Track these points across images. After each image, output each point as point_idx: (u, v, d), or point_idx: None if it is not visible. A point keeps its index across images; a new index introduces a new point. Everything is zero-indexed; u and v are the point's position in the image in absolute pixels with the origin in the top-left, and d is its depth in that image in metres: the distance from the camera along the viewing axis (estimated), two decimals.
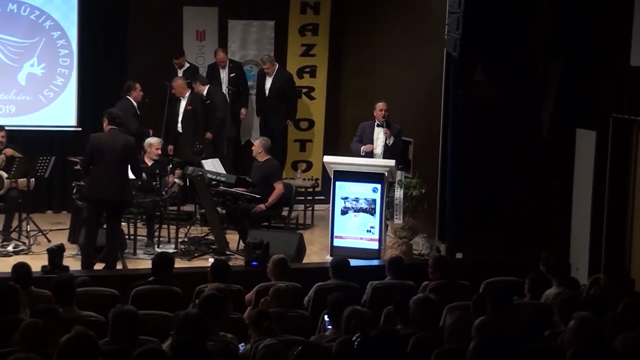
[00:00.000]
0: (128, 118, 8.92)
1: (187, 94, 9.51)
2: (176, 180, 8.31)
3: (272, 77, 9.93)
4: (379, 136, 8.55)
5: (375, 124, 8.56)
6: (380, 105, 8.60)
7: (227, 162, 9.43)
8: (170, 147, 9.51)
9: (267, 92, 9.94)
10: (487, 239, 8.05)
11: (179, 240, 8.35)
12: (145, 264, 7.46)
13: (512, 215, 8.06)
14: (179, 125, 9.57)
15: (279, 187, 8.46)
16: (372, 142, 8.52)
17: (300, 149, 10.61)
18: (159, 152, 8.51)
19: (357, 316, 4.49)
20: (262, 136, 8.98)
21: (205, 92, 9.62)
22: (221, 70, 10.02)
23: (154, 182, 8.16)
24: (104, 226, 7.16)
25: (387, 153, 8.48)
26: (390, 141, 8.49)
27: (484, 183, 8.11)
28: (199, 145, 9.11)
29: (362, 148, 8.52)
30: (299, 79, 10.34)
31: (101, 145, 7.02)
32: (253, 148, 8.67)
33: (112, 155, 6.97)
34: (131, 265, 7.63)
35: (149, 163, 8.45)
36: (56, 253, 6.47)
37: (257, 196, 8.32)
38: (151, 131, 9.09)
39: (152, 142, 8.59)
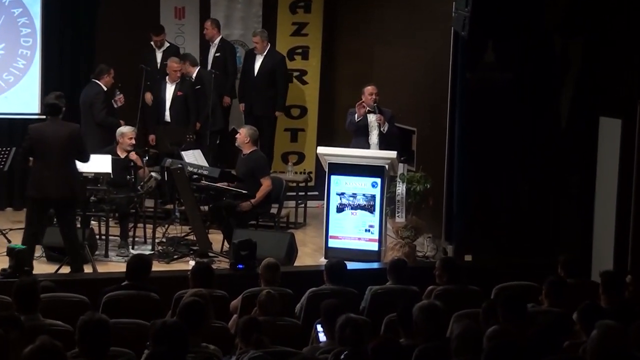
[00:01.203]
0: (95, 103, 8.88)
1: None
2: (153, 174, 8.29)
3: (263, 56, 9.88)
4: (372, 124, 8.55)
5: (367, 110, 8.55)
6: (369, 89, 8.58)
7: (210, 153, 9.44)
8: (152, 137, 9.49)
9: (255, 72, 9.86)
10: (499, 239, 8.06)
11: (157, 240, 8.38)
12: (119, 267, 7.55)
13: (527, 214, 8.08)
14: (167, 113, 9.55)
15: (266, 183, 8.46)
16: (366, 130, 8.52)
17: (292, 139, 10.62)
18: (132, 142, 8.50)
19: (353, 325, 4.47)
20: (248, 125, 8.97)
21: (194, 75, 9.59)
22: (211, 50, 10.02)
23: (128, 176, 8.15)
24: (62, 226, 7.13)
25: (383, 143, 8.50)
26: (385, 128, 8.49)
27: (496, 177, 8.14)
28: (191, 136, 9.13)
29: (355, 115, 8.44)
30: (290, 61, 10.29)
31: (42, 137, 6.89)
32: (238, 137, 8.61)
33: (56, 147, 6.85)
34: (102, 268, 7.65)
35: (122, 154, 8.46)
36: (22, 254, 6.40)
37: (243, 192, 8.32)
38: (122, 121, 9.05)
39: (124, 131, 8.56)
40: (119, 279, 5.91)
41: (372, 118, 8.57)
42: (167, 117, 9.60)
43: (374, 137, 8.55)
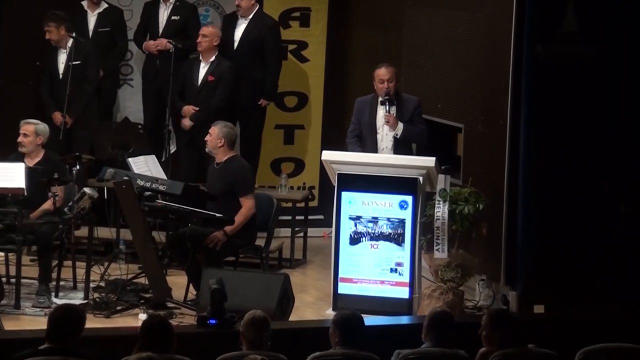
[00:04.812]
0: None
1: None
2: (87, 190, 8.27)
3: (247, 21, 9.96)
4: (382, 121, 8.64)
5: (379, 100, 8.62)
6: (381, 72, 8.60)
7: (171, 160, 9.52)
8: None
9: (235, 44, 9.93)
10: (582, 283, 8.13)
11: (92, 285, 8.38)
12: (36, 323, 7.53)
13: (623, 248, 8.16)
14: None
15: (247, 205, 8.49)
16: (373, 128, 8.59)
17: (286, 140, 10.67)
18: (25, 139, 8.54)
19: None
20: (222, 120, 8.92)
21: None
22: (161, 10, 10.07)
23: (49, 194, 8.19)
24: None
25: (401, 145, 8.57)
26: (399, 132, 8.54)
27: (579, 195, 8.19)
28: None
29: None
30: (284, 29, 10.37)
31: None
32: (208, 139, 8.65)
33: None
34: (11, 325, 7.60)
35: (32, 163, 8.50)
36: None
37: (217, 215, 8.35)
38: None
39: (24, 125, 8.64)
40: (36, 341, 5.84)
41: (381, 113, 8.64)
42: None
43: (386, 140, 8.61)
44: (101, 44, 9.97)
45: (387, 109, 8.55)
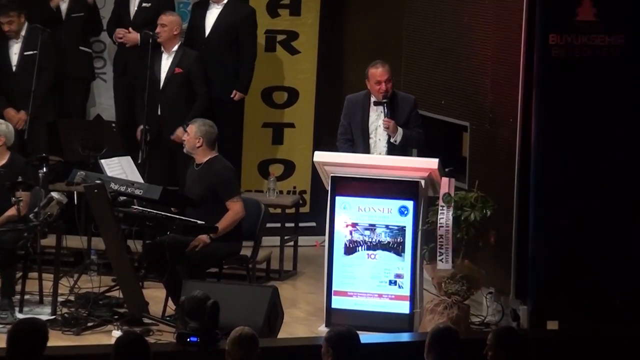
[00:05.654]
0: None
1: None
2: (55, 195, 8.23)
3: (221, 7, 10.03)
4: (380, 122, 8.64)
5: (372, 100, 8.64)
6: (378, 72, 8.56)
7: (147, 163, 9.47)
8: None
9: (206, 32, 10.00)
10: (601, 297, 8.11)
11: (60, 299, 8.35)
12: None
13: None
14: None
15: (235, 208, 8.48)
16: (366, 132, 8.59)
17: (275, 140, 10.69)
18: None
19: None
20: (200, 118, 8.93)
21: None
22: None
23: (13, 199, 8.19)
24: None
25: (395, 153, 8.58)
26: (398, 138, 8.54)
27: (596, 200, 8.16)
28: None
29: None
30: (271, 18, 10.45)
31: None
32: (185, 138, 8.67)
33: None
34: None
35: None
36: None
37: (198, 222, 8.34)
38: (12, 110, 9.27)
39: None
40: None
41: (374, 114, 8.62)
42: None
43: (380, 145, 8.61)
44: (75, 31, 9.97)
45: (386, 112, 8.52)
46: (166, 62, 9.73)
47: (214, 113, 9.62)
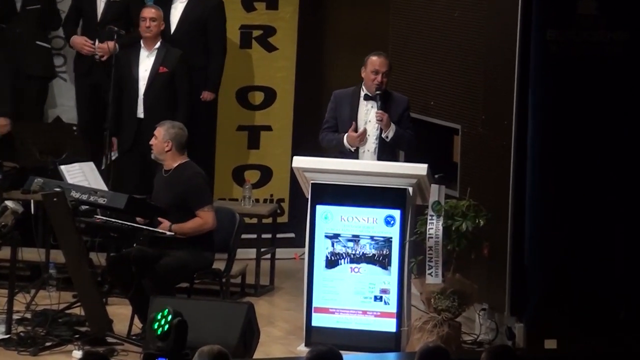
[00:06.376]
0: None
1: None
2: (9, 204, 8.22)
3: (186, 2, 10.08)
4: (370, 117, 8.66)
5: (363, 94, 8.63)
6: (378, 61, 8.68)
7: (112, 168, 9.50)
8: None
9: (172, 27, 10.05)
10: (603, 312, 8.11)
11: (15, 317, 8.32)
12: None
13: None
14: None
15: (207, 218, 8.52)
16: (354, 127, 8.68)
17: (250, 144, 10.73)
18: None
19: None
20: (169, 120, 8.93)
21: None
22: None
23: None
24: None
25: (386, 150, 8.64)
26: (390, 133, 8.60)
27: (597, 208, 8.18)
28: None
29: (344, 138, 8.61)
30: (247, 13, 10.48)
31: None
32: (153, 143, 8.66)
33: None
34: None
35: None
36: None
37: (167, 233, 8.39)
38: None
39: None
40: None
41: (363, 109, 8.66)
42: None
43: (369, 142, 8.66)
44: (31, 25, 9.92)
45: (379, 105, 8.57)
46: (147, 60, 9.73)
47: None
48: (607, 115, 8.18)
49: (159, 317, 7.24)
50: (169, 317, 7.27)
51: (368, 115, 8.65)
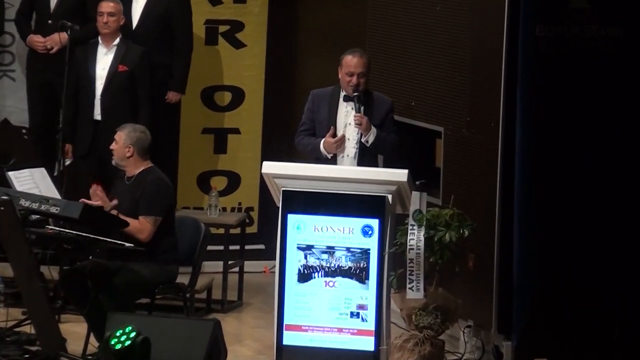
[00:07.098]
0: None
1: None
2: None
3: None
4: (350, 120, 8.75)
5: (342, 95, 8.71)
6: (352, 62, 8.70)
7: (66, 175, 9.53)
8: None
9: (134, 23, 10.12)
10: (597, 329, 8.14)
11: None
12: None
13: None
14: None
15: (144, 226, 8.45)
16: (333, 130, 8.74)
17: (217, 149, 10.81)
18: None
19: None
20: (130, 123, 8.93)
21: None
22: None
23: None
24: None
25: (366, 155, 8.69)
26: (371, 138, 8.64)
27: (590, 217, 8.22)
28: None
29: (321, 144, 8.66)
30: (212, 6, 10.58)
31: None
32: (114, 147, 8.70)
33: None
34: None
35: None
36: None
37: (125, 244, 8.36)
38: None
39: None
40: None
41: (343, 111, 8.71)
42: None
43: (349, 146, 8.70)
44: None
45: (358, 107, 8.58)
46: (105, 58, 9.76)
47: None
48: (600, 115, 8.17)
49: (118, 333, 7.22)
50: (132, 334, 7.27)
51: (348, 117, 8.67)
